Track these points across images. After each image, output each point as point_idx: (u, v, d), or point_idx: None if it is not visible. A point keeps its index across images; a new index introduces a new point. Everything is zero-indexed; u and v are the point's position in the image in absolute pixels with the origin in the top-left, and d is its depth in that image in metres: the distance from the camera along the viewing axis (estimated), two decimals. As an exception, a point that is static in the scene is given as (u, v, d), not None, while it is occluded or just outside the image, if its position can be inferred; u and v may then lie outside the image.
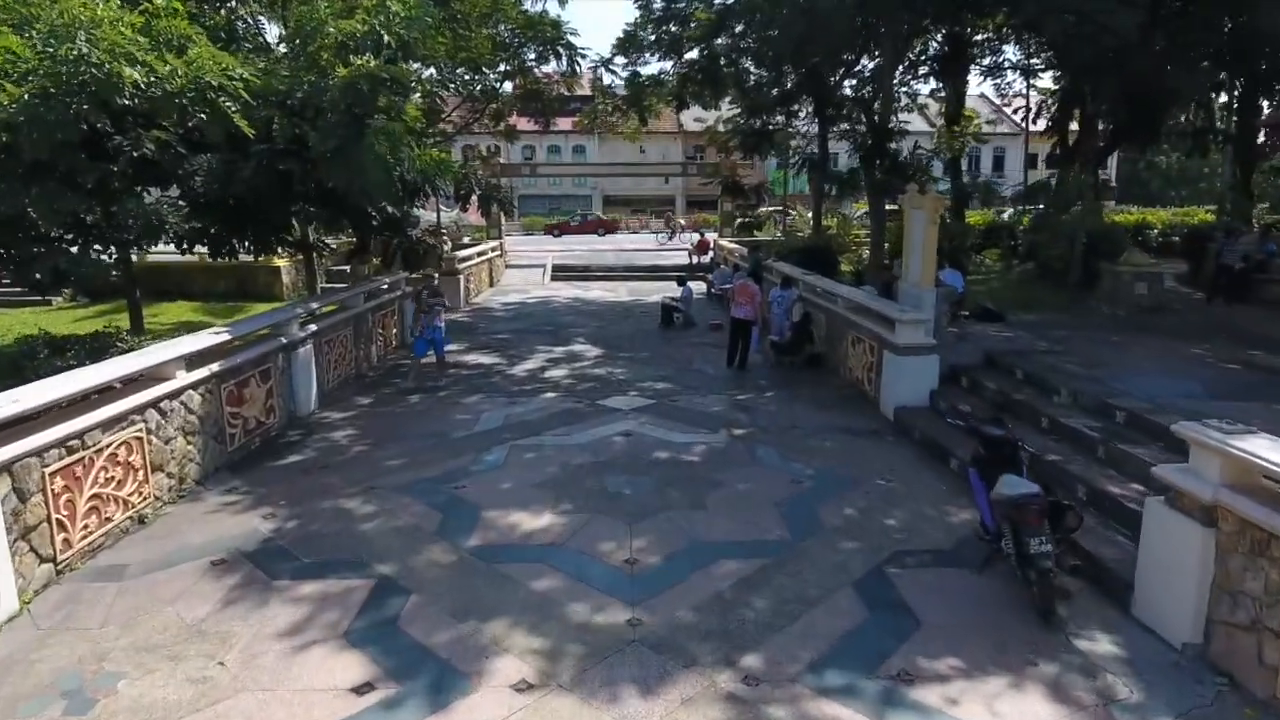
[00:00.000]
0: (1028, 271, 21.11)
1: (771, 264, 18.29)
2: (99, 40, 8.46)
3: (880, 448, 9.02)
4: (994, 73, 22.75)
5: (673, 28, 23.36)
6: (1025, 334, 12.19)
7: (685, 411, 10.57)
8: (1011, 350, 10.62)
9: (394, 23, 10.96)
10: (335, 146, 9.60)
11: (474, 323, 18.79)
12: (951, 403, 9.29)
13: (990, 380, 9.67)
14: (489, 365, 13.70)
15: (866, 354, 11.20)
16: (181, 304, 22.83)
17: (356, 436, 9.72)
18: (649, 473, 8.22)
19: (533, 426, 9.94)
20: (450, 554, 6.43)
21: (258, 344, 9.57)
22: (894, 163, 14.36)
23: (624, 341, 15.82)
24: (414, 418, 10.49)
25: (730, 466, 8.43)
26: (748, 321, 12.79)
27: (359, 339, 12.95)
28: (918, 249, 10.56)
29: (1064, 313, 14.79)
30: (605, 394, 11.55)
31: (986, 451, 6.17)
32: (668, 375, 12.74)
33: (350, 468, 8.55)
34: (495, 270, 26.88)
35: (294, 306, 10.90)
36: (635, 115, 24.38)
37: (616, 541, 6.61)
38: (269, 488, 7.95)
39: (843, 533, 6.77)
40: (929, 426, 9.12)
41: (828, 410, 10.60)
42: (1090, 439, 7.49)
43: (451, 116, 20.37)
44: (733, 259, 23.79)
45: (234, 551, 6.47)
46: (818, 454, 8.81)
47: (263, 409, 9.39)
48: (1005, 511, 5.48)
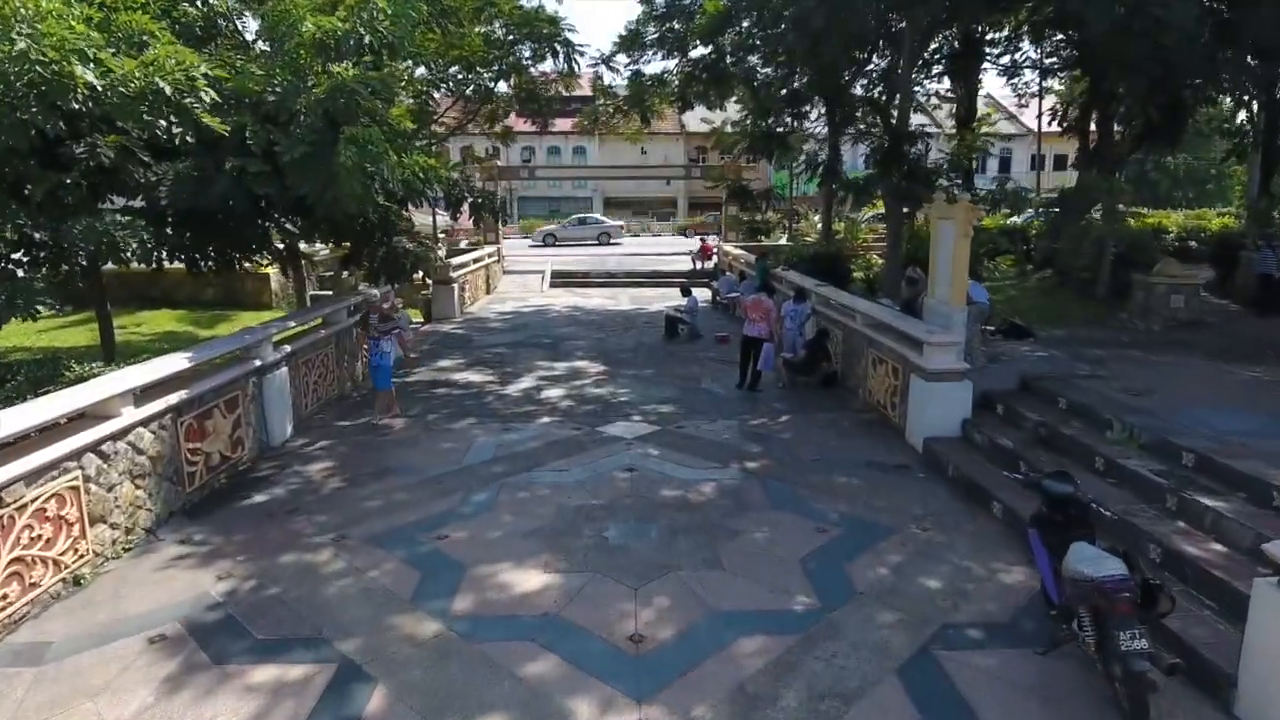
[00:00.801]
0: (1046, 280, 20.20)
1: (780, 273, 17.41)
2: (43, 36, 7.59)
3: (911, 487, 8.13)
4: (1011, 72, 21.88)
5: (676, 25, 22.48)
6: (1059, 353, 11.29)
7: (693, 441, 9.68)
8: (1050, 374, 9.72)
9: (377, 20, 10.09)
10: (304, 153, 8.72)
11: (468, 334, 17.90)
12: (988, 435, 8.44)
13: (1029, 409, 8.77)
14: (481, 384, 12.81)
15: (889, 377, 10.31)
16: (166, 312, 21.97)
17: (333, 470, 8.84)
18: (655, 519, 7.33)
19: (526, 459, 9.07)
20: (427, 627, 5.55)
21: (224, 369, 8.69)
22: (913, 168, 13.47)
23: (626, 356, 14.94)
24: (397, 447, 9.61)
25: (746, 510, 7.55)
26: (760, 340, 11.89)
27: (342, 356, 12.08)
28: (947, 264, 9.67)
29: (1094, 328, 13.89)
30: (606, 419, 10.67)
31: (1050, 511, 5.28)
32: (673, 396, 11.85)
33: (322, 510, 7.67)
34: (492, 277, 26.00)
35: (267, 326, 10.02)
36: (637, 116, 23.47)
37: (620, 610, 5.73)
38: (229, 536, 7.07)
39: (879, 599, 5.88)
40: (964, 462, 8.24)
41: (849, 439, 9.71)
42: (1156, 486, 6.60)
43: (444, 118, 19.46)
44: (738, 266, 22.93)
45: (179, 624, 5.59)
46: (842, 494, 7.92)
47: (228, 442, 8.51)
48: (1084, 594, 4.59)
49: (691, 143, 55.02)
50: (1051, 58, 21.10)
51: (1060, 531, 5.18)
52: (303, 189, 8.86)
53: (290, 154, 8.66)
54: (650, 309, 21.23)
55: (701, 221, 47.62)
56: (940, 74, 23.63)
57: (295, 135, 8.95)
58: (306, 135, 9.07)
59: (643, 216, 56.45)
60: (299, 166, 8.72)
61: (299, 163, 8.70)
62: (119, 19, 9.13)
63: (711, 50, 21.77)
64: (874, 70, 20.62)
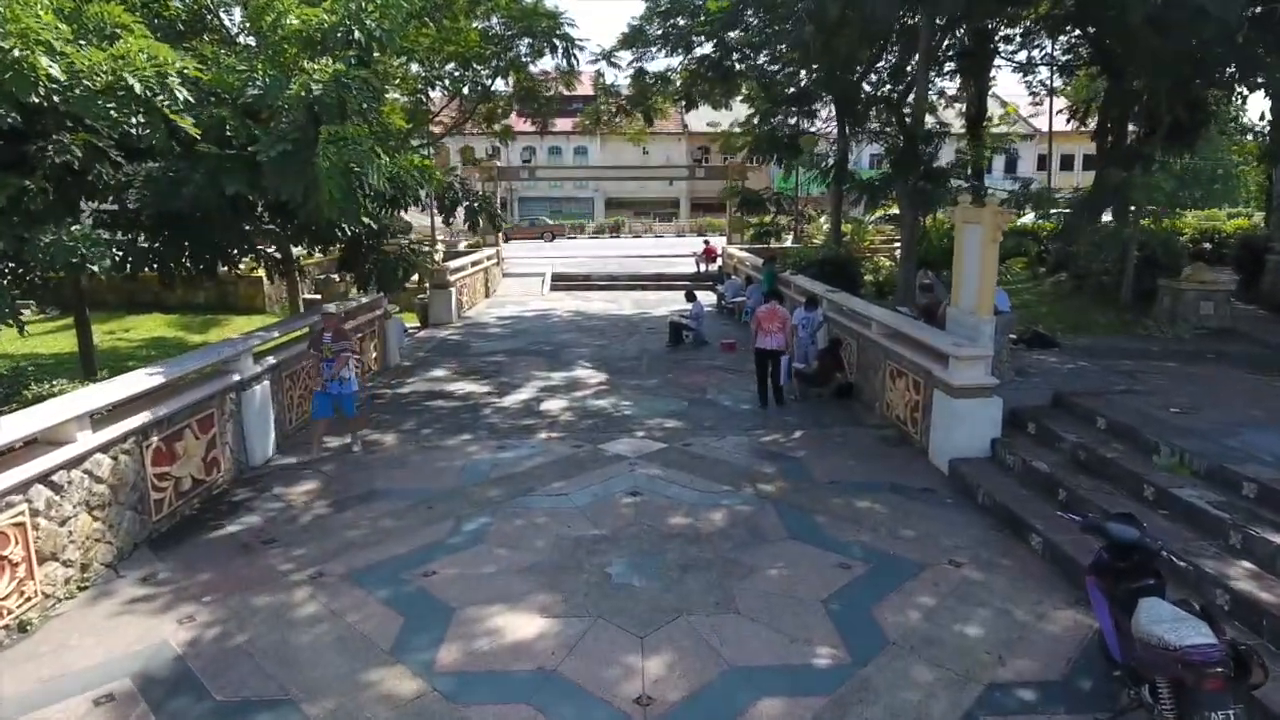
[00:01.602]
0: (1061, 284, 19.59)
1: (789, 277, 16.78)
2: (6, 22, 6.99)
3: (940, 515, 7.50)
4: (1026, 69, 21.22)
5: (681, 21, 21.89)
6: (1088, 365, 10.68)
7: (702, 460, 9.06)
8: (1084, 390, 9.09)
9: (366, 12, 9.45)
10: (283, 151, 8.11)
11: (465, 340, 17.29)
12: (1021, 457, 7.81)
13: (1065, 428, 8.15)
14: (477, 396, 12.20)
15: (910, 391, 9.69)
16: (157, 317, 21.39)
17: (316, 493, 8.23)
18: (662, 551, 6.71)
19: (523, 480, 8.45)
20: (407, 685, 4.93)
21: (197, 385, 8.08)
22: (929, 169, 12.85)
23: (629, 365, 14.32)
24: (386, 467, 9.00)
25: (761, 541, 6.92)
26: (777, 352, 11.20)
27: (331, 368, 11.44)
28: (973, 271, 9.04)
29: (1120, 336, 13.28)
30: (608, 434, 10.06)
31: (1113, 558, 4.66)
32: (678, 410, 11.23)
33: (301, 540, 7.06)
34: (491, 280, 25.39)
35: (247, 337, 9.40)
36: (640, 115, 22.86)
37: (624, 665, 5.11)
38: (197, 573, 6.46)
39: (914, 651, 5.26)
40: (996, 487, 7.61)
41: (868, 459, 9.09)
42: (1215, 520, 5.98)
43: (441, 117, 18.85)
44: (744, 269, 22.30)
45: (130, 680, 4.98)
46: (865, 523, 7.29)
47: (201, 465, 7.89)
48: (1162, 663, 3.97)
49: (694, 143, 54.50)
50: (1068, 54, 20.42)
51: (1124, 580, 4.56)
52: (282, 192, 8.25)
53: (268, 153, 8.04)
54: (654, 313, 20.62)
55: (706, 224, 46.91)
56: (951, 72, 23.00)
57: (276, 132, 8.34)
58: (289, 133, 8.46)
59: (645, 217, 55.89)
60: (278, 166, 8.11)
61: (278, 162, 8.09)
62: (90, 9, 8.52)
63: (717, 47, 21.19)
64: (885, 68, 20.02)
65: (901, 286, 14.36)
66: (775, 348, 11.04)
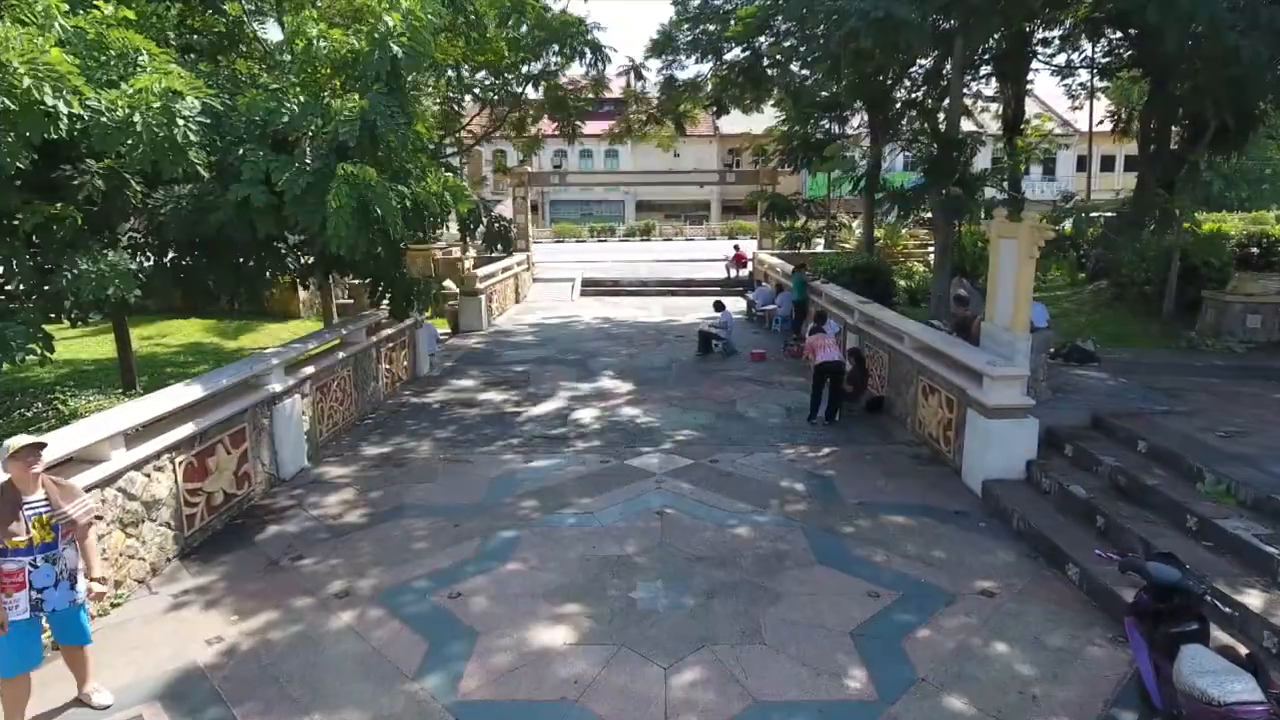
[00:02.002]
0: (1101, 293, 19.13)
1: (820, 286, 16.58)
2: (21, 54, 6.81)
3: (973, 540, 7.33)
4: (1065, 72, 20.74)
5: (711, 27, 21.79)
6: (1129, 381, 10.39)
7: (729, 477, 8.97)
8: (1124, 410, 8.84)
9: (393, 36, 9.27)
10: (308, 184, 8.16)
11: (493, 349, 17.36)
12: (1057, 480, 7.62)
13: (1104, 451, 7.92)
14: (504, 406, 12.23)
15: (942, 408, 9.51)
16: (194, 322, 21.74)
17: (345, 507, 8.29)
18: (688, 575, 6.64)
19: (549, 496, 8.44)
20: (431, 710, 4.93)
21: (229, 400, 8.18)
22: (964, 177, 12.59)
23: (656, 375, 14.26)
24: (414, 481, 9.04)
25: (788, 566, 6.82)
26: (839, 365, 11.00)
27: (361, 379, 11.57)
28: (1009, 287, 8.84)
29: (1162, 350, 12.92)
30: (635, 448, 10.01)
31: (1153, 599, 4.49)
32: (706, 423, 11.14)
33: (329, 556, 7.11)
34: (521, 286, 25.50)
35: (282, 350, 9.50)
36: (670, 123, 22.77)
37: (648, 697, 5.05)
38: (226, 589, 6.53)
39: (946, 686, 5.13)
40: (1031, 511, 7.42)
41: (899, 479, 8.92)
42: (1265, 556, 5.75)
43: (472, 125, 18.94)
44: (774, 276, 22.12)
45: (158, 704, 5.04)
46: (895, 546, 7.15)
47: (233, 479, 7.99)
48: (1205, 718, 3.81)
49: (725, 146, 54.25)
50: (1108, 57, 19.94)
51: (1165, 623, 4.39)
52: (301, 222, 8.29)
53: (292, 188, 8.08)
54: (683, 320, 20.53)
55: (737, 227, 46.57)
56: (987, 75, 22.60)
57: (299, 166, 8.34)
58: (313, 165, 8.48)
59: (675, 220, 55.77)
60: (300, 199, 8.16)
61: (300, 196, 8.14)
62: (112, 35, 8.35)
63: (748, 52, 21.05)
64: (917, 73, 19.71)
65: (935, 298, 14.11)
66: (837, 359, 10.91)
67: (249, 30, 13.79)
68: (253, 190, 8.36)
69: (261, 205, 8.39)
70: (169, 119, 7.39)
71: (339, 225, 8.11)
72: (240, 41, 13.71)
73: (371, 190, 8.27)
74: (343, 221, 8.12)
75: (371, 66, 8.98)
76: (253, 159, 8.52)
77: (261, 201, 8.38)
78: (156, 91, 7.44)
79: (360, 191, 8.24)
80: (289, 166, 8.55)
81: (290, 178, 8.34)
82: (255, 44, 14.15)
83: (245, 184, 8.43)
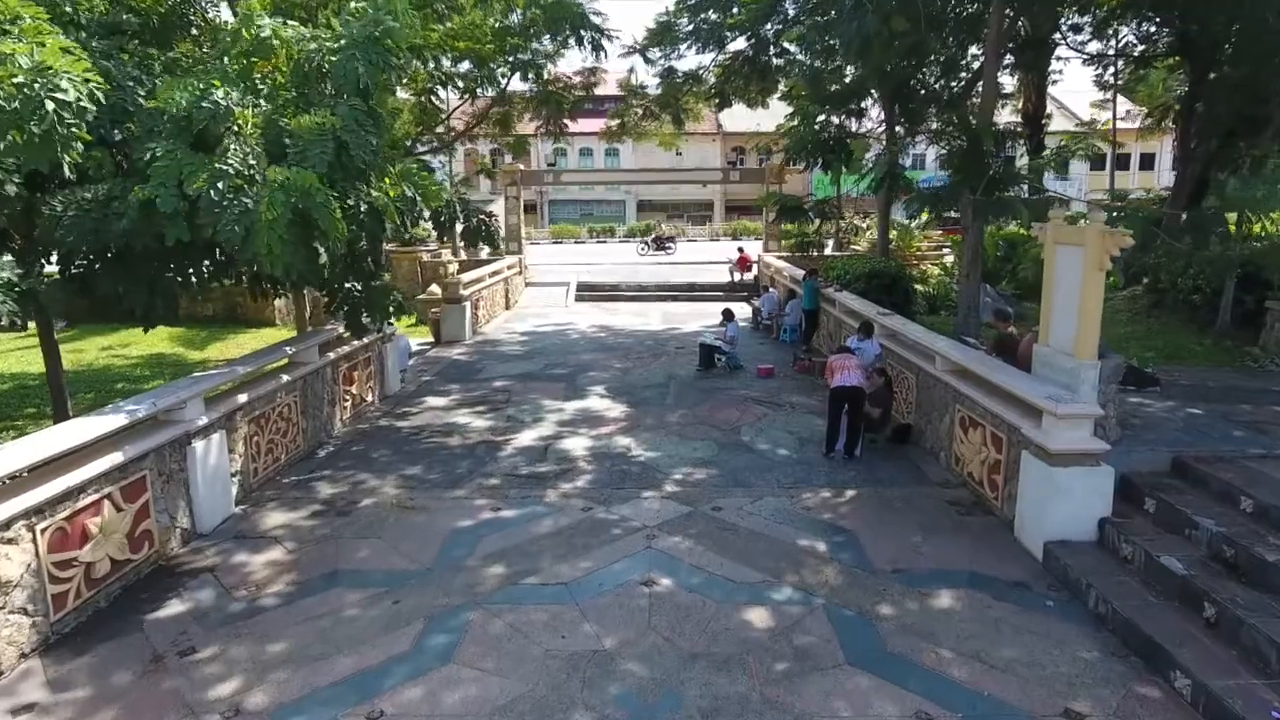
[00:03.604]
0: (1137, 299, 17.58)
1: (833, 294, 15.09)
2: None
3: (1043, 627, 5.81)
4: (1099, 60, 19.17)
5: (713, 15, 20.30)
6: (1201, 412, 8.88)
7: (734, 532, 7.48)
8: (1212, 454, 7.31)
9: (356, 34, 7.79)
10: (230, 190, 6.67)
11: (475, 361, 15.88)
12: (1142, 548, 6.12)
13: (1197, 508, 6.42)
14: (477, 435, 10.72)
15: (988, 446, 8.00)
16: (160, 330, 20.16)
17: (268, 572, 6.82)
18: (680, 684, 5.15)
19: (517, 558, 6.96)
20: None
21: (124, 443, 6.70)
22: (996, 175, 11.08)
23: (653, 395, 12.76)
24: (360, 533, 7.58)
25: (811, 669, 5.32)
26: (858, 390, 9.43)
27: (312, 405, 10.09)
28: (1071, 305, 7.32)
29: (1224, 368, 11.40)
30: (623, 491, 8.53)
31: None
32: (707, 457, 9.65)
33: (229, 644, 5.65)
34: (512, 290, 23.99)
35: (195, 380, 7.98)
36: (669, 118, 21.28)
37: None
38: (82, 703, 5.05)
39: None
40: (1112, 587, 5.92)
41: (938, 534, 7.41)
42: None
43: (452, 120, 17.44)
44: (782, 280, 20.61)
45: None
46: (945, 638, 5.65)
47: (125, 542, 6.51)
48: None
49: (729, 144, 52.80)
50: (1144, 44, 18.40)
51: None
52: (220, 234, 6.79)
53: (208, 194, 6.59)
54: (684, 329, 19.05)
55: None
56: (1009, 66, 21.07)
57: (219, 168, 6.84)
58: (239, 167, 6.98)
59: (678, 220, 54.30)
60: (217, 208, 6.66)
61: (218, 204, 6.64)
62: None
63: (751, 41, 19.56)
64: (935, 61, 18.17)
65: (964, 309, 12.60)
66: (856, 384, 9.37)
67: (197, 10, 12.34)
68: (159, 193, 6.89)
69: (169, 211, 6.92)
70: (36, 102, 5.93)
71: (271, 241, 6.63)
72: (189, 25, 12.27)
73: (310, 199, 6.81)
74: (276, 237, 6.64)
75: (340, 74, 7.53)
76: (166, 160, 7.05)
77: (169, 206, 6.89)
78: (24, 66, 6.00)
79: (299, 200, 6.78)
80: (206, 168, 7.06)
81: (207, 182, 6.85)
82: (206, 27, 12.71)
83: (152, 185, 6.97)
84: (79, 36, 7.77)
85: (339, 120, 7.39)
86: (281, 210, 6.48)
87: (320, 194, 6.74)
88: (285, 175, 6.74)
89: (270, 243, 6.46)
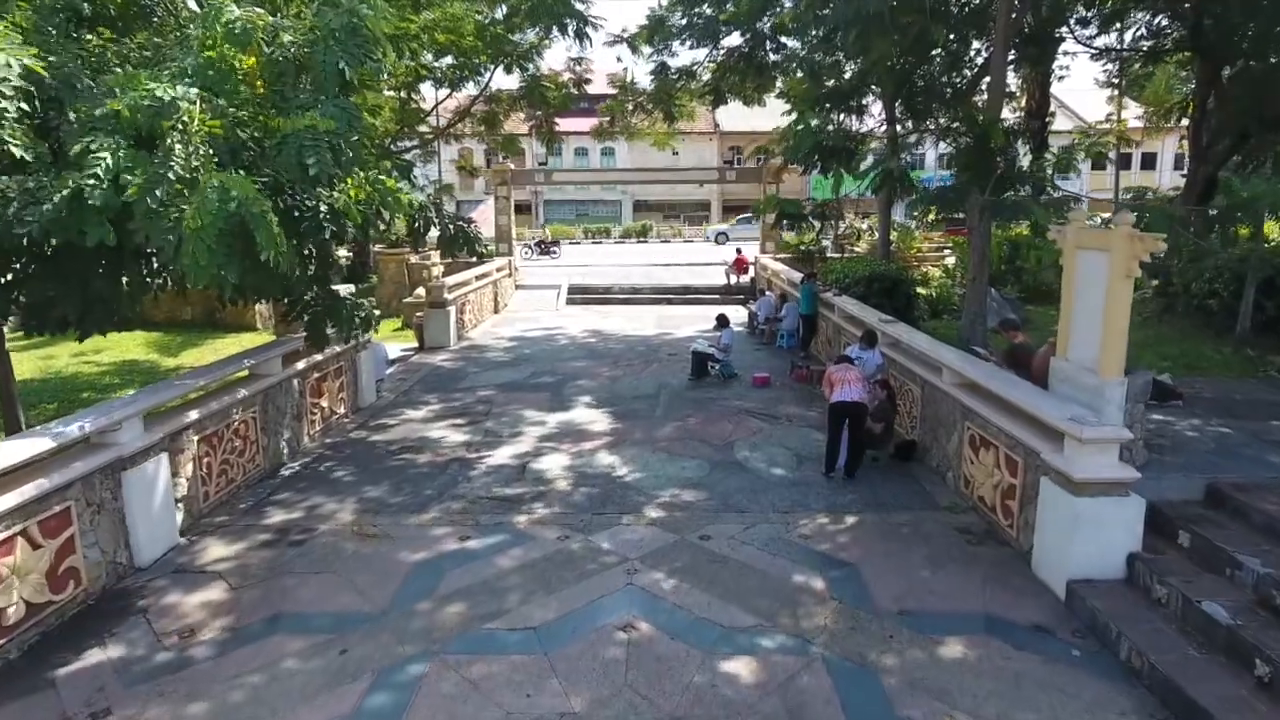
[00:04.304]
0: (1145, 304, 16.93)
1: (832, 299, 14.43)
2: None
3: (1069, 683, 5.15)
4: (1107, 55, 18.51)
5: (707, 9, 19.64)
6: (1230, 430, 8.24)
7: (724, 565, 6.81)
8: (1250, 482, 6.65)
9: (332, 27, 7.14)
10: (170, 193, 5.98)
11: (459, 368, 15.20)
12: (1178, 590, 5.46)
13: (1238, 544, 5.76)
14: (451, 450, 10.05)
15: (1001, 469, 7.34)
16: (136, 335, 19.60)
17: (205, 614, 6.14)
18: (659, 756, 4.49)
19: (481, 597, 6.29)
20: None
21: (48, 470, 6.02)
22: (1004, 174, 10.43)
23: (642, 407, 12.08)
24: (311, 566, 6.90)
25: (807, 735, 4.66)
26: (859, 407, 8.74)
27: (273, 421, 9.41)
28: (1094, 316, 6.67)
29: (1247, 380, 10.75)
30: (605, 515, 7.87)
31: None
32: (696, 477, 8.99)
33: (146, 708, 4.97)
34: (501, 294, 23.29)
35: (132, 399, 7.30)
36: (662, 114, 20.61)
37: None
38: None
39: None
40: (1146, 637, 5.26)
41: (947, 567, 6.75)
42: None
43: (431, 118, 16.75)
44: (778, 284, 19.95)
45: None
46: (961, 697, 4.98)
47: (44, 583, 5.83)
48: None
49: (726, 144, 52.22)
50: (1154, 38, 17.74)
51: None
52: (151, 240, 6.12)
53: (144, 196, 5.91)
54: (677, 334, 18.38)
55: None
56: (1013, 61, 20.41)
57: (161, 170, 6.16)
58: (184, 173, 6.30)
59: (674, 220, 53.69)
60: (153, 212, 5.98)
61: (152, 208, 5.95)
62: None
63: (748, 36, 18.90)
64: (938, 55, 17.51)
65: (969, 316, 11.93)
66: (857, 399, 8.69)
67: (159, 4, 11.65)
68: (89, 185, 6.21)
69: (99, 205, 6.23)
70: None
71: (198, 252, 5.95)
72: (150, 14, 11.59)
73: (248, 208, 6.12)
74: (204, 247, 5.96)
75: (326, 66, 6.86)
76: (103, 153, 6.36)
77: (100, 200, 6.21)
78: None
79: (239, 208, 6.10)
80: (144, 166, 6.37)
81: (146, 183, 6.16)
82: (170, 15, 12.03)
83: (84, 174, 6.29)
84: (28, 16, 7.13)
85: (331, 122, 6.69)
86: (211, 219, 5.79)
87: (257, 204, 6.05)
88: (220, 180, 6.05)
89: (197, 253, 5.77)
